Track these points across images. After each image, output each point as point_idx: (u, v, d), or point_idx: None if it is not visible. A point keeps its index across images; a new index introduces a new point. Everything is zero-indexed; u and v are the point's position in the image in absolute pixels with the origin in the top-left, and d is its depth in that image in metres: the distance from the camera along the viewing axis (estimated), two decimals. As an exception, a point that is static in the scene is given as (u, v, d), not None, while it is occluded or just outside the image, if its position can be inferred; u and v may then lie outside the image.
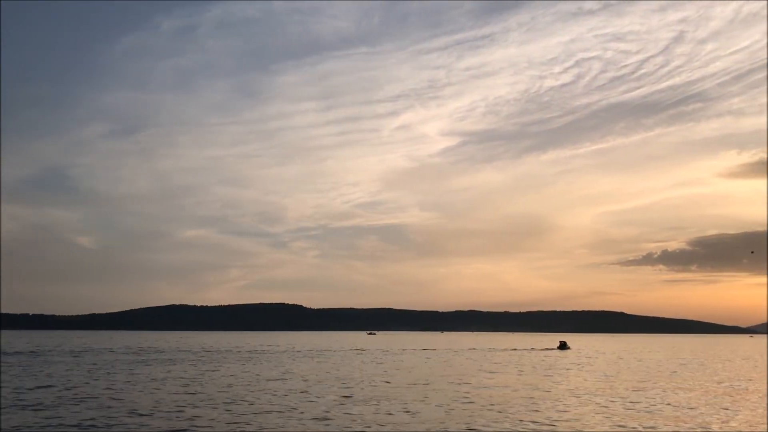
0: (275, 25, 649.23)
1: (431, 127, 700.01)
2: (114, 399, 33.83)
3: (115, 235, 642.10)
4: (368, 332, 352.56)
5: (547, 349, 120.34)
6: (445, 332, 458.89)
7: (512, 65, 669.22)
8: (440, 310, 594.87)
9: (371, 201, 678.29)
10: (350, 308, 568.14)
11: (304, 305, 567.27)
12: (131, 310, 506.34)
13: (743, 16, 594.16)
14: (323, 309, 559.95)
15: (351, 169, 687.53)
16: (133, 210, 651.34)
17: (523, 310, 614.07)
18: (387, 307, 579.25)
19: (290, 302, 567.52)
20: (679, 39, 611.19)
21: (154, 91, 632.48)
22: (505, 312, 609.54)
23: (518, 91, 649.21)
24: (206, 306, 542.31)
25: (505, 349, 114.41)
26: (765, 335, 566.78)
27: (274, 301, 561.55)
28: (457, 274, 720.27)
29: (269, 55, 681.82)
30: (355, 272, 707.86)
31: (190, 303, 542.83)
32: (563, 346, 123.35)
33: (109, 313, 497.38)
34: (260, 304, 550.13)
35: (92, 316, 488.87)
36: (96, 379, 45.30)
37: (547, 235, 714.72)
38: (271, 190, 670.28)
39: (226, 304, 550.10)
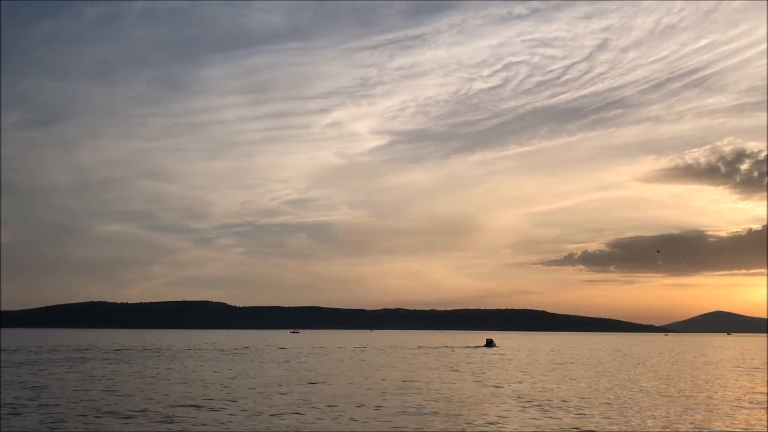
0: (203, 16, 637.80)
1: (362, 125, 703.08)
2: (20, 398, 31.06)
3: (31, 229, 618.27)
4: (291, 331, 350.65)
5: (474, 347, 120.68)
6: (374, 330, 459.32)
7: (442, 66, 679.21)
8: (368, 309, 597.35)
9: (300, 198, 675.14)
10: (277, 306, 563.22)
11: (229, 303, 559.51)
12: (47, 307, 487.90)
13: (662, 27, 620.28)
14: (249, 307, 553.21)
15: (280, 165, 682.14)
16: (51, 203, 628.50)
17: (449, 308, 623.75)
18: (315, 305, 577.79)
19: (215, 300, 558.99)
20: (602, 46, 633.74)
21: (75, 80, 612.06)
22: (432, 310, 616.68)
23: (448, 92, 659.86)
24: (127, 303, 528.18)
25: (437, 347, 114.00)
26: (678, 334, 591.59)
27: (198, 299, 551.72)
28: (384, 273, 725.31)
29: (196, 46, 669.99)
30: (283, 270, 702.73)
31: (110, 300, 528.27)
32: (490, 343, 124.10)
33: (23, 311, 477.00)
34: (183, 301, 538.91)
35: (4, 313, 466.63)
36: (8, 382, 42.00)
37: (473, 235, 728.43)
38: (197, 185, 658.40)
39: (149, 301, 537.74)
